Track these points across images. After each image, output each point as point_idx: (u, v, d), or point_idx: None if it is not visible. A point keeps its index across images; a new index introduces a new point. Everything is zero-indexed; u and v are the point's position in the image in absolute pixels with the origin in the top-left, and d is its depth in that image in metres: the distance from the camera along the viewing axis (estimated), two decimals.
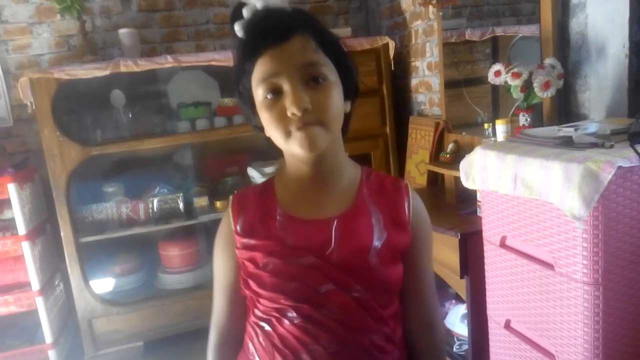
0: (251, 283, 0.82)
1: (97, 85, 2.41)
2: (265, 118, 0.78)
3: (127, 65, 2.31)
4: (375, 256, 0.80)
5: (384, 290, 0.82)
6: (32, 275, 2.32)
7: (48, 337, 2.38)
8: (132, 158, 2.63)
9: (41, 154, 2.35)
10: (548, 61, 1.59)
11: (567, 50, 1.67)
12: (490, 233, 1.41)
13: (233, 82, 0.83)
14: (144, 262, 2.72)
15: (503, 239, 1.36)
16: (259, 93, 0.77)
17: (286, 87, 0.75)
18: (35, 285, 2.33)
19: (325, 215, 0.82)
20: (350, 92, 0.83)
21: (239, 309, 0.89)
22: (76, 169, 2.37)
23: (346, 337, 0.79)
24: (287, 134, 0.76)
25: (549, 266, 1.21)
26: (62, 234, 2.38)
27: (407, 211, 0.85)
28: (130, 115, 2.59)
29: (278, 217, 0.83)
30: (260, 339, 0.83)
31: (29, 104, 2.31)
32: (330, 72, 0.78)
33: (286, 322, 0.80)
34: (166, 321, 2.53)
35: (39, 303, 2.34)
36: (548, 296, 1.22)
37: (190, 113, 2.59)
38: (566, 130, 1.28)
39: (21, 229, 2.28)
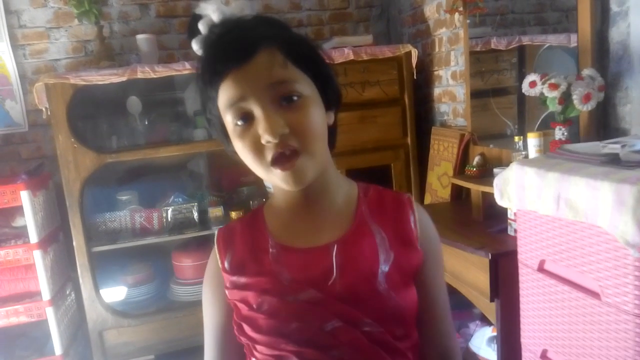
0: (245, 328, 0.72)
1: (113, 91, 2.37)
2: (239, 148, 0.69)
3: (144, 72, 2.26)
4: (384, 282, 0.70)
5: (398, 321, 0.72)
6: (43, 285, 2.27)
7: (58, 349, 2.32)
8: (147, 166, 2.59)
9: (55, 160, 2.31)
10: (587, 72, 1.50)
11: (606, 60, 1.58)
12: (527, 256, 1.31)
13: (200, 107, 0.74)
14: (157, 273, 2.67)
15: (541, 262, 1.27)
16: (228, 119, 0.68)
17: (257, 111, 0.66)
18: (46, 295, 2.28)
19: (323, 241, 0.73)
20: (332, 102, 0.74)
21: (232, 358, 0.79)
22: (90, 177, 2.32)
23: None
24: (266, 169, 0.68)
25: (595, 295, 1.11)
26: (74, 242, 2.33)
27: (413, 226, 0.76)
28: (146, 123, 2.55)
29: (270, 250, 0.73)
30: None
31: (44, 109, 2.27)
32: (304, 87, 0.68)
33: None
34: (178, 334, 2.46)
35: (50, 313, 2.29)
36: (592, 327, 1.13)
37: None
38: (612, 147, 1.19)
39: (33, 237, 2.23)
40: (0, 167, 2.59)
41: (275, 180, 0.69)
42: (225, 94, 0.67)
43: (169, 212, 2.52)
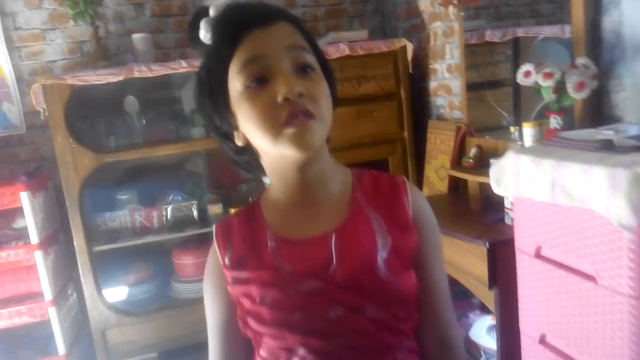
0: (250, 322, 0.73)
1: (110, 91, 2.37)
2: (246, 111, 0.68)
3: (141, 71, 2.27)
4: (384, 266, 0.71)
5: (400, 303, 0.73)
6: (45, 285, 2.28)
7: (61, 348, 2.33)
8: (146, 165, 2.59)
9: (54, 161, 2.32)
10: (581, 61, 1.52)
11: (599, 49, 1.60)
12: (524, 243, 1.33)
13: (197, 84, 0.74)
14: (158, 271, 2.68)
15: (538, 248, 1.28)
16: (238, 83, 0.68)
17: (276, 69, 0.66)
18: (48, 295, 2.29)
19: (320, 230, 0.73)
20: (332, 99, 0.75)
21: (239, 354, 0.79)
22: (89, 177, 2.32)
23: None
24: (276, 131, 0.66)
25: (591, 278, 1.13)
26: (75, 242, 2.34)
27: (407, 208, 0.76)
28: (144, 122, 2.55)
29: (269, 243, 0.74)
30: None
31: (41, 110, 2.27)
32: (317, 66, 0.71)
33: None
34: (180, 331, 2.47)
35: (52, 313, 2.30)
36: (589, 310, 1.14)
37: None
38: (606, 133, 1.21)
39: (34, 238, 2.24)
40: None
41: (282, 143, 0.67)
42: (244, 52, 0.68)
43: (169, 210, 2.53)
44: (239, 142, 0.75)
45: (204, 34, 0.73)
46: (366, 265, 0.71)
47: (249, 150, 0.76)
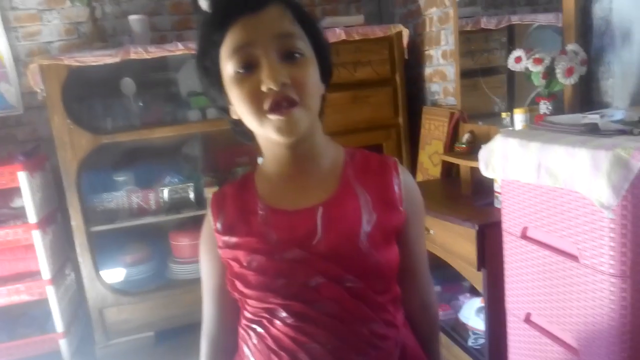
0: (237, 283, 0.77)
1: (107, 72, 2.39)
2: (236, 95, 0.72)
3: (137, 52, 2.28)
4: (366, 240, 0.74)
5: (379, 276, 0.77)
6: (43, 264, 2.31)
7: (59, 326, 2.38)
8: (143, 147, 2.62)
9: (52, 141, 2.34)
10: (570, 47, 1.54)
11: (589, 36, 1.62)
12: (511, 224, 1.37)
13: (196, 59, 0.77)
14: (155, 252, 2.72)
15: (524, 229, 1.32)
16: (229, 67, 0.71)
17: (262, 58, 0.69)
18: (46, 274, 2.33)
19: (309, 203, 0.77)
20: (326, 73, 0.77)
21: (229, 313, 0.84)
22: (87, 157, 2.35)
23: (344, 330, 0.74)
24: (261, 117, 0.70)
25: (573, 257, 1.17)
26: (72, 223, 2.37)
27: (397, 189, 0.80)
28: (141, 104, 2.57)
29: (259, 212, 0.78)
30: (255, 341, 0.78)
31: (39, 90, 2.29)
32: (306, 48, 0.73)
33: (278, 322, 0.75)
34: (177, 311, 2.52)
35: (50, 292, 2.34)
36: (572, 289, 1.19)
37: (201, 102, 2.55)
38: (591, 117, 1.24)
39: (32, 217, 2.27)
40: None
41: (268, 129, 0.71)
42: (232, 39, 0.70)
43: (165, 192, 2.56)
44: (234, 116, 0.78)
45: (203, 3, 0.75)
46: (348, 238, 0.75)
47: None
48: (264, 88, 0.69)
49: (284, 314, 0.74)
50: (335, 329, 0.74)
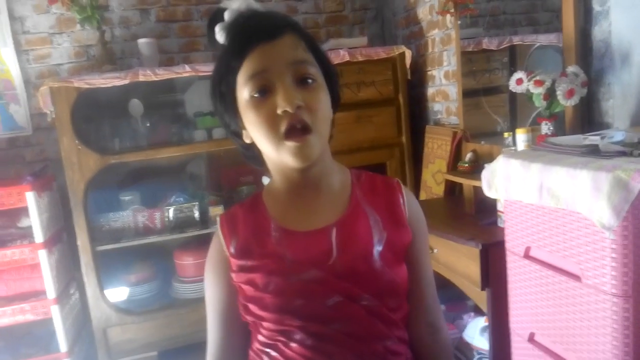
0: (252, 307, 0.78)
1: (115, 94, 2.43)
2: (252, 119, 0.74)
3: (146, 75, 2.33)
4: (379, 259, 0.77)
5: (393, 294, 0.79)
6: (48, 284, 2.32)
7: (63, 346, 2.38)
8: (149, 167, 2.65)
9: (60, 162, 2.37)
10: (571, 69, 1.57)
11: (589, 58, 1.65)
12: (514, 244, 1.38)
13: (211, 85, 0.80)
14: (159, 271, 2.73)
15: (527, 249, 1.33)
16: (245, 92, 0.74)
17: (277, 83, 0.72)
18: (51, 293, 2.33)
19: (321, 223, 0.79)
20: (334, 100, 0.81)
21: (238, 337, 0.84)
22: (94, 178, 2.38)
23: (360, 348, 0.76)
24: (278, 142, 0.73)
25: (576, 277, 1.17)
26: (78, 242, 2.39)
27: (403, 208, 0.83)
28: (148, 125, 2.61)
29: (273, 233, 0.79)
30: None
31: (48, 112, 2.33)
32: (318, 75, 0.76)
33: (293, 344, 0.75)
34: (181, 331, 2.52)
35: (55, 311, 2.34)
36: (575, 308, 1.19)
37: (207, 122, 2.59)
38: (592, 139, 1.25)
39: (38, 237, 2.29)
40: (5, 170, 2.65)
41: (283, 154, 0.74)
42: (250, 66, 0.73)
43: (171, 211, 2.57)
44: (247, 140, 0.80)
45: (219, 37, 0.79)
46: (363, 257, 0.77)
47: (256, 146, 0.81)
48: (279, 111, 0.71)
49: (300, 336, 0.75)
50: (352, 347, 0.75)
